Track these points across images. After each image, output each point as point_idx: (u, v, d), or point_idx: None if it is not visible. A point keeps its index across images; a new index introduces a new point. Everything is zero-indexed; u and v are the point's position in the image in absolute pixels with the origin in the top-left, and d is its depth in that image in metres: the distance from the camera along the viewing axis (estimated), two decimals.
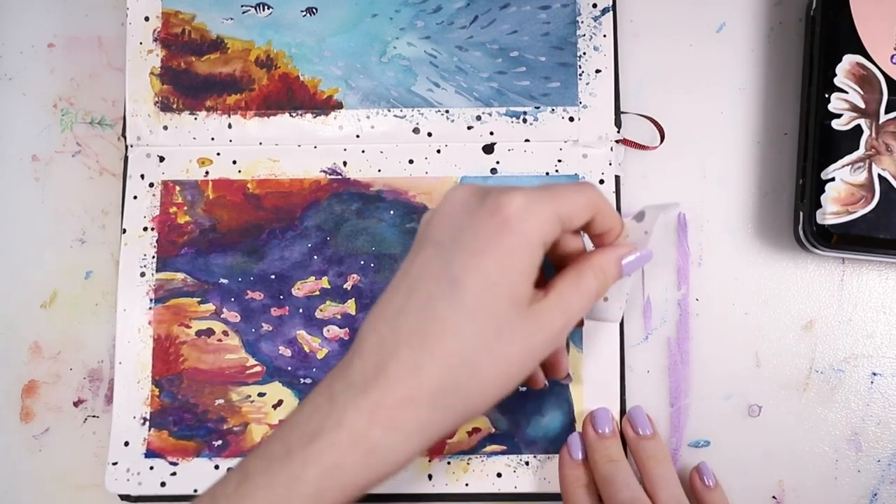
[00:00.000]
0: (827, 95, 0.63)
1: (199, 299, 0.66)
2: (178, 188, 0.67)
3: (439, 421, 0.49)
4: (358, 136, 0.67)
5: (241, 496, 0.48)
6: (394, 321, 0.49)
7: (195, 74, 0.68)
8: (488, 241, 0.49)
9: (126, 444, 0.64)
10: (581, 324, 0.63)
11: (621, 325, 0.66)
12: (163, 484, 0.64)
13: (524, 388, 0.65)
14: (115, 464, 0.64)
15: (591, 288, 0.52)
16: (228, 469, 0.64)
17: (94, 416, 0.67)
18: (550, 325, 0.50)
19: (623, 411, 0.65)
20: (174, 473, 0.64)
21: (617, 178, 0.66)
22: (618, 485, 0.60)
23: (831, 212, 0.62)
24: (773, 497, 0.66)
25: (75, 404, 0.67)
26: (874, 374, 0.66)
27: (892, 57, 0.63)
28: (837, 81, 0.63)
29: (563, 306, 0.51)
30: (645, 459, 0.63)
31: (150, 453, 0.64)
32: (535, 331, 0.50)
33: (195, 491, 0.64)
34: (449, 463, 0.65)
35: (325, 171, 0.67)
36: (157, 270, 0.66)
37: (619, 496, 0.60)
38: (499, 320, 0.48)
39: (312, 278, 0.66)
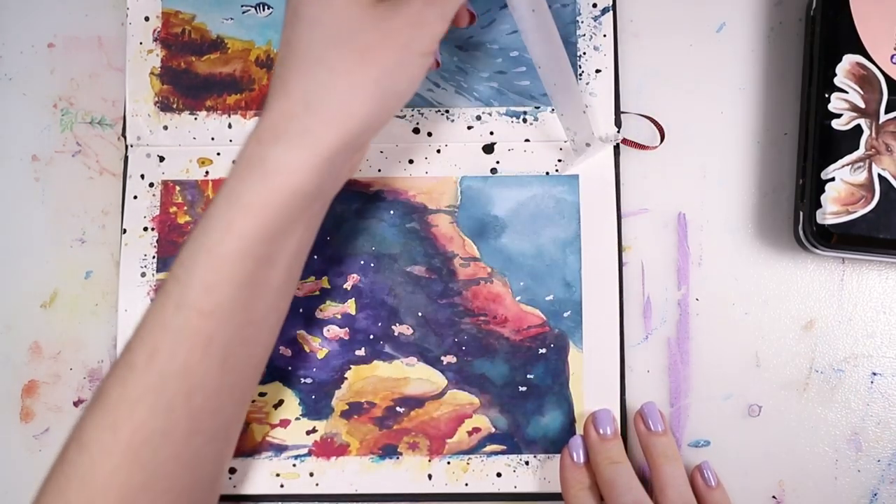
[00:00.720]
0: (827, 95, 0.63)
1: None
2: (178, 188, 0.67)
3: (321, 127, 0.50)
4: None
5: (172, 265, 0.51)
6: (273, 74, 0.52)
7: (195, 74, 0.68)
8: None
9: None
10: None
11: (621, 325, 0.66)
12: None
13: (524, 388, 0.65)
14: None
15: None
16: (230, 469, 0.64)
17: None
18: (409, 8, 0.50)
19: (623, 411, 0.65)
20: None
21: (616, 177, 0.66)
22: (620, 488, 0.61)
23: (831, 212, 0.62)
24: (773, 497, 0.66)
25: (75, 404, 0.67)
26: (874, 374, 0.66)
27: (892, 57, 0.63)
28: (837, 81, 0.63)
29: None
30: (655, 456, 0.63)
31: None
32: (391, 14, 0.50)
33: None
34: (449, 463, 0.65)
35: None
36: (158, 270, 0.66)
37: (621, 500, 0.60)
38: (344, 18, 0.49)
39: (312, 278, 0.66)
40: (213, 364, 0.51)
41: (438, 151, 0.67)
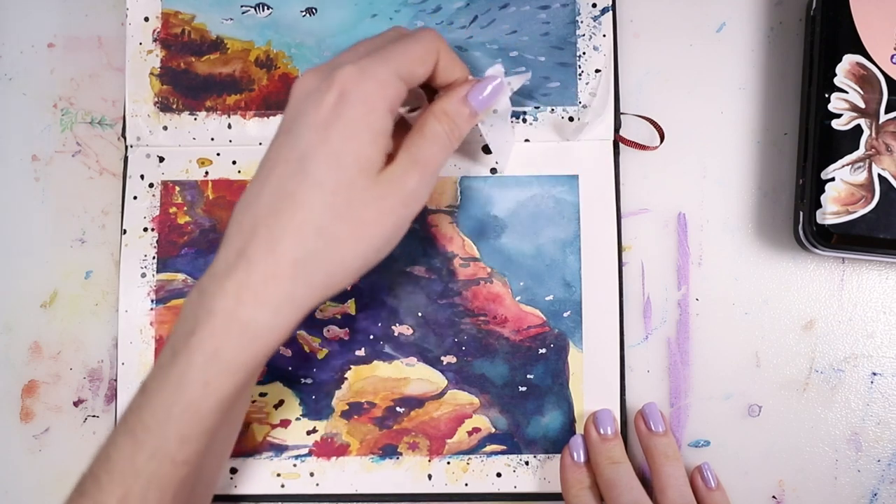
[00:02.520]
0: (827, 95, 0.63)
1: None
2: (177, 188, 0.67)
3: (304, 293, 0.50)
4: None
5: (138, 407, 0.50)
6: (251, 208, 0.51)
7: (195, 75, 0.68)
8: (329, 116, 0.50)
9: None
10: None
11: (621, 324, 0.66)
12: None
13: (524, 388, 0.65)
14: None
15: (438, 132, 0.54)
16: (230, 469, 0.65)
17: (94, 416, 0.67)
18: (403, 182, 0.52)
19: (623, 411, 0.65)
20: None
21: (616, 177, 0.66)
22: (620, 488, 0.61)
23: (831, 212, 0.62)
24: (773, 497, 0.66)
25: (75, 404, 0.67)
26: (874, 374, 0.66)
27: (892, 57, 0.63)
28: (837, 81, 0.63)
29: (413, 159, 0.52)
30: (656, 456, 0.63)
31: None
32: (388, 192, 0.51)
33: None
34: (449, 463, 0.65)
35: None
36: (158, 271, 0.66)
37: (622, 499, 0.60)
38: (348, 189, 0.50)
39: None
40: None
41: None
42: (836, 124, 0.63)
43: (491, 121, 0.60)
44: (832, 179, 0.62)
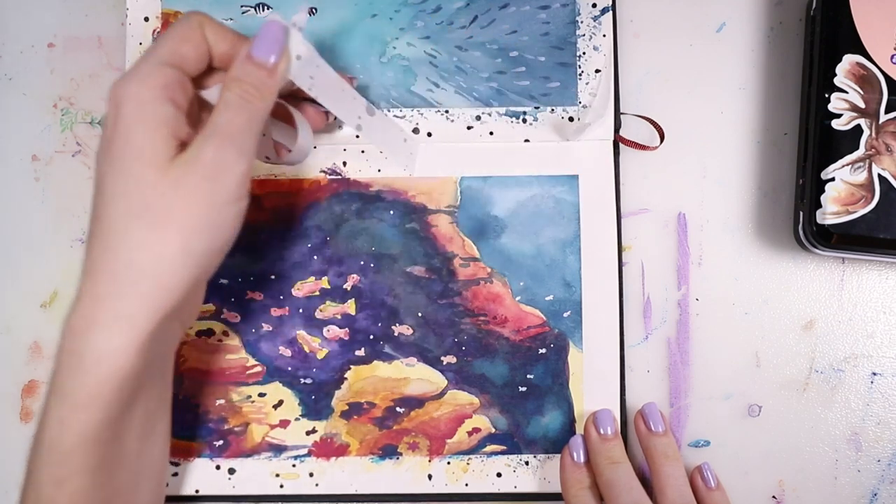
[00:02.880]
0: (827, 95, 0.63)
1: None
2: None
3: (134, 307, 0.50)
4: (357, 137, 0.67)
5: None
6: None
7: None
8: (109, 132, 0.51)
9: None
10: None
11: (621, 324, 0.66)
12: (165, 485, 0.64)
13: (524, 388, 0.65)
14: None
15: (229, 99, 0.52)
16: (229, 469, 0.64)
17: None
18: (198, 157, 0.50)
19: (623, 411, 0.65)
20: (175, 474, 0.65)
21: (616, 177, 0.66)
22: (620, 488, 0.61)
23: (831, 212, 0.62)
24: (773, 497, 0.66)
25: None
26: (874, 374, 0.66)
27: (892, 57, 0.63)
28: (837, 81, 0.63)
29: (207, 133, 0.51)
30: (655, 456, 0.63)
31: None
32: (185, 172, 0.50)
33: (196, 491, 0.64)
34: (449, 463, 0.65)
35: (324, 172, 0.67)
36: None
37: (621, 500, 0.60)
38: (138, 187, 0.50)
39: (312, 278, 0.66)
40: None
41: (438, 151, 0.67)
42: (836, 124, 0.63)
43: (307, 72, 0.58)
44: (832, 179, 0.62)
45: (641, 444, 0.64)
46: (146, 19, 0.68)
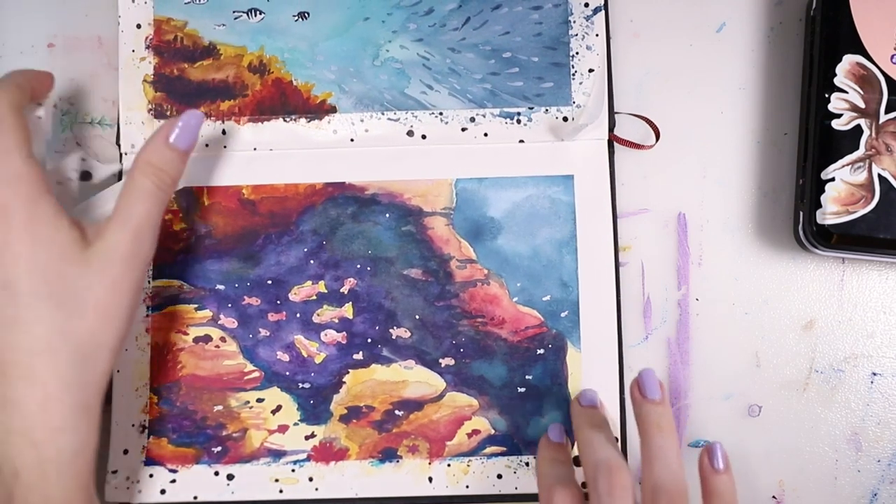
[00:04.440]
0: (827, 95, 0.62)
1: (196, 306, 0.66)
2: (173, 195, 0.66)
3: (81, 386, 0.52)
4: (352, 140, 0.66)
5: None
6: None
7: (188, 81, 0.67)
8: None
9: (125, 451, 0.65)
10: None
11: (619, 324, 0.66)
12: (162, 491, 0.65)
13: (523, 389, 0.65)
14: (114, 472, 0.65)
15: (146, 186, 0.54)
16: (228, 475, 0.65)
17: None
18: (116, 246, 0.52)
19: (623, 411, 0.65)
20: (174, 481, 0.65)
21: (611, 177, 0.66)
22: (594, 445, 0.57)
23: (831, 212, 0.61)
24: (773, 497, 0.66)
25: None
26: (874, 374, 0.66)
27: (892, 57, 0.62)
28: (837, 81, 0.62)
29: (124, 220, 0.53)
30: (648, 426, 0.58)
31: (150, 461, 0.65)
32: (105, 266, 0.52)
33: (195, 498, 0.65)
34: (449, 465, 0.65)
35: None
36: (154, 278, 0.66)
37: (595, 456, 0.56)
38: (60, 282, 0.51)
39: (309, 283, 0.66)
40: None
41: (433, 154, 0.67)
42: (836, 124, 0.62)
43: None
44: (832, 179, 0.62)
45: (635, 414, 0.60)
46: (138, 26, 0.67)
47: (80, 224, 0.54)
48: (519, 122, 0.66)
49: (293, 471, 0.65)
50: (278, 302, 0.66)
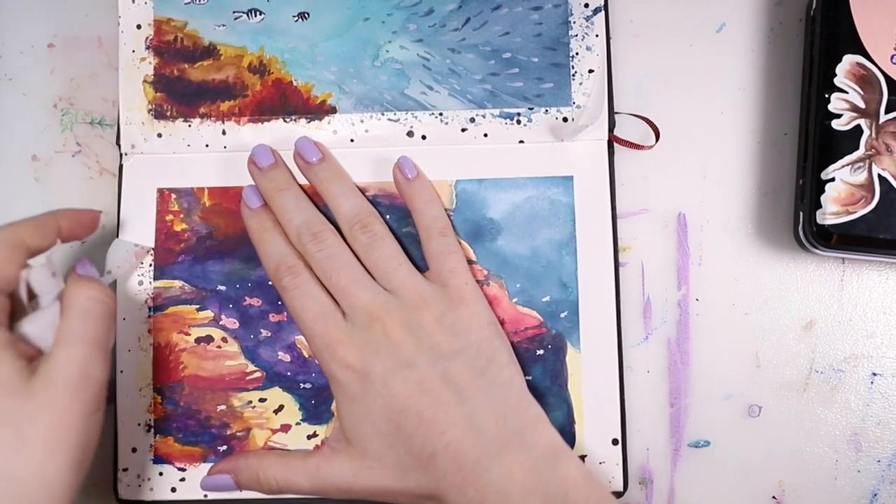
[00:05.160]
0: (827, 95, 0.62)
1: (197, 307, 0.66)
2: (173, 196, 0.66)
3: None
4: (352, 141, 0.66)
5: None
6: None
7: (188, 81, 0.67)
8: None
9: (133, 450, 0.65)
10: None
11: (619, 324, 0.65)
12: (173, 489, 0.65)
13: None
14: (125, 470, 0.65)
15: (91, 308, 0.54)
16: None
17: None
18: (62, 372, 0.51)
19: (623, 412, 0.65)
20: (183, 479, 0.65)
21: (611, 178, 0.66)
22: (290, 212, 0.62)
23: (831, 212, 0.61)
24: (773, 497, 0.66)
25: None
26: (874, 374, 0.66)
27: (892, 57, 0.62)
28: (837, 81, 0.62)
29: (72, 342, 0.52)
30: (319, 183, 0.65)
31: (159, 459, 0.65)
32: (50, 387, 0.51)
33: (205, 496, 0.65)
34: None
35: None
36: (155, 279, 0.66)
37: (294, 222, 0.62)
38: (7, 419, 0.49)
39: None
40: None
41: (433, 154, 0.67)
42: (836, 124, 0.62)
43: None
44: (832, 180, 0.62)
45: (307, 180, 0.66)
46: (138, 27, 0.67)
47: (26, 349, 0.53)
48: (519, 122, 0.66)
49: None
50: (279, 303, 0.66)
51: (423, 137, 0.66)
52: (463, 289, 0.62)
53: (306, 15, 0.67)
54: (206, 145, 0.67)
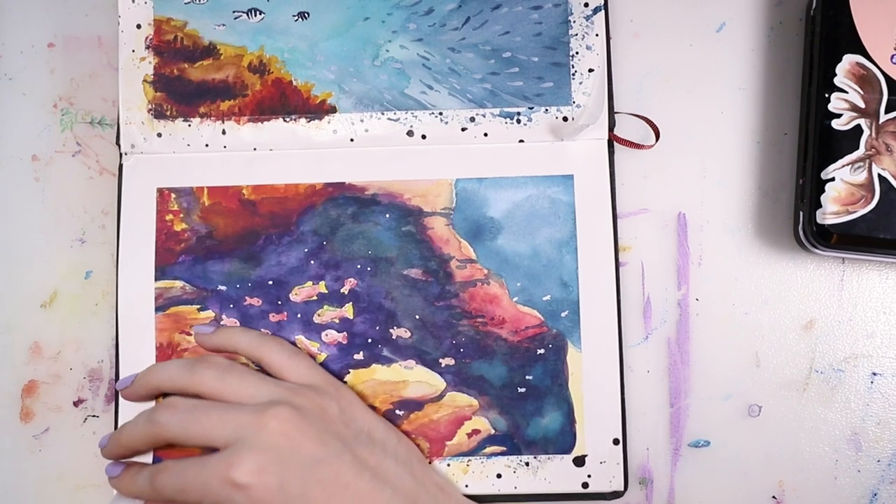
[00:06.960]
0: (827, 95, 0.62)
1: (198, 307, 0.66)
2: (173, 196, 0.66)
3: None
4: (352, 140, 0.66)
5: None
6: None
7: (188, 81, 0.67)
8: None
9: None
10: None
11: (619, 324, 0.65)
12: None
13: (523, 389, 0.65)
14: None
15: None
16: None
17: (94, 416, 0.67)
18: None
19: (623, 411, 0.65)
20: None
21: (611, 177, 0.66)
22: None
23: (831, 212, 0.62)
24: (773, 497, 0.66)
25: (75, 404, 0.67)
26: (874, 374, 0.66)
27: (892, 57, 0.62)
28: (837, 81, 0.62)
29: None
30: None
31: (159, 459, 0.65)
32: None
33: None
34: (449, 465, 0.65)
35: None
36: (156, 279, 0.66)
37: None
38: None
39: (310, 283, 0.66)
40: None
41: (433, 154, 0.67)
42: (836, 124, 0.62)
43: None
44: (832, 179, 0.62)
45: None
46: (138, 26, 0.67)
47: None
48: (519, 121, 0.66)
49: None
50: (279, 302, 0.66)
51: (423, 137, 0.66)
52: (333, 381, 0.64)
53: (306, 14, 0.67)
54: (206, 145, 0.67)
